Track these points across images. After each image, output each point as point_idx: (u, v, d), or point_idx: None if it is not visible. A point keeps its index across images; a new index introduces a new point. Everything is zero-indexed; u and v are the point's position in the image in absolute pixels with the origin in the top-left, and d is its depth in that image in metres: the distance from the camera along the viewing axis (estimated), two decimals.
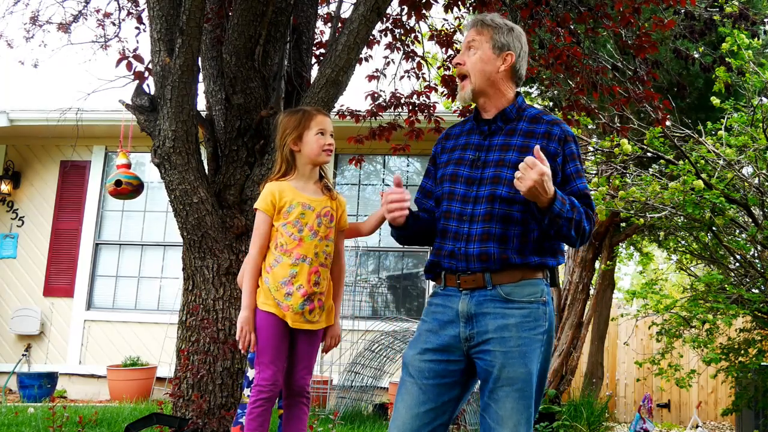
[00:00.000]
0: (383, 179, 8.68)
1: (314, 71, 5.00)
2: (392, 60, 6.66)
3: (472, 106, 2.44)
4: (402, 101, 6.34)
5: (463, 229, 2.19)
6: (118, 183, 5.80)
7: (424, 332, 2.23)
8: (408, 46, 6.56)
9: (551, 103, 8.60)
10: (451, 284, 2.22)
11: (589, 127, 7.36)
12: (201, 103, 4.61)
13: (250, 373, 3.34)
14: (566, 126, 2.27)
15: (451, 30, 6.49)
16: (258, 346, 2.89)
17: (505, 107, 2.29)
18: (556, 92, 7.96)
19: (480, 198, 2.19)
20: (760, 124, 6.01)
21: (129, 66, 4.57)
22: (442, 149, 2.39)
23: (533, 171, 1.98)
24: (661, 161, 7.02)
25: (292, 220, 2.87)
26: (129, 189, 5.81)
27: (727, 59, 6.06)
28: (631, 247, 11.16)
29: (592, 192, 6.77)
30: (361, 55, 5.70)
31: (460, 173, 2.26)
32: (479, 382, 2.22)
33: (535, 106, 9.17)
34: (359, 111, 6.40)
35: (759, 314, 6.17)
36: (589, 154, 7.54)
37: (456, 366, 2.19)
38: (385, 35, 6.46)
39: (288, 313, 2.84)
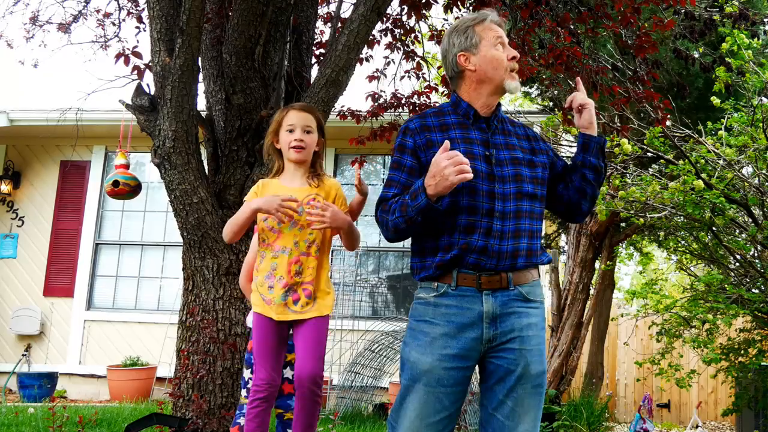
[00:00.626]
0: (383, 179, 8.67)
1: (314, 71, 5.00)
2: (392, 60, 6.66)
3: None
4: (403, 101, 6.34)
5: (496, 226, 2.16)
6: (115, 183, 5.80)
7: (439, 336, 2.13)
8: (408, 46, 6.56)
9: (551, 103, 8.60)
10: (468, 284, 2.15)
11: None
12: (201, 103, 4.61)
13: (246, 373, 3.34)
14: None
15: None
16: (254, 347, 2.90)
17: (496, 108, 2.33)
18: (556, 92, 7.96)
19: (507, 195, 2.20)
20: (760, 124, 6.00)
21: (127, 60, 4.56)
22: (428, 142, 2.22)
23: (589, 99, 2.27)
24: (661, 161, 7.02)
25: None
26: (126, 189, 5.81)
27: (727, 59, 6.06)
28: (631, 247, 11.15)
29: None
30: (361, 55, 5.70)
31: (478, 168, 2.18)
32: (487, 382, 2.20)
33: (535, 106, 9.19)
34: (360, 111, 6.40)
35: (759, 314, 6.17)
36: None
37: (470, 372, 2.18)
38: (385, 35, 6.46)
39: (272, 306, 2.83)
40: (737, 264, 6.90)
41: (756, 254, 6.85)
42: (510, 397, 2.14)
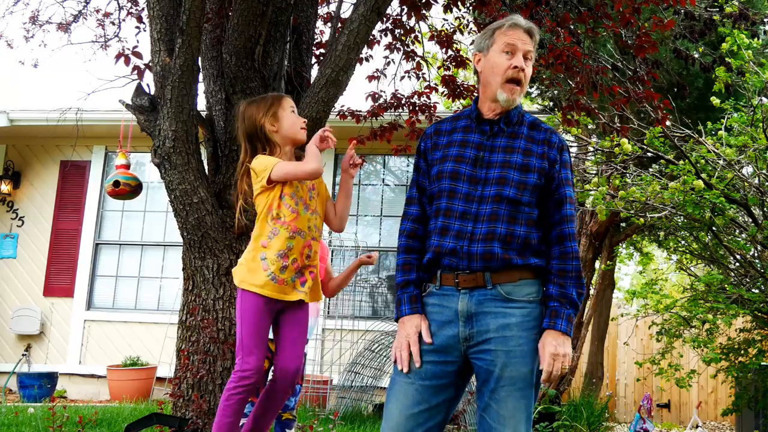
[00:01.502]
0: (383, 179, 8.68)
1: (314, 71, 5.00)
2: (392, 60, 6.65)
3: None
4: (402, 101, 6.34)
5: (467, 228, 2.18)
6: (116, 184, 5.80)
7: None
8: (408, 46, 6.56)
9: (551, 103, 8.60)
10: (448, 283, 2.21)
11: (589, 127, 7.36)
12: (201, 103, 4.61)
13: None
14: (561, 135, 2.36)
15: (451, 30, 6.49)
16: (243, 330, 2.83)
17: (510, 110, 2.31)
18: (556, 92, 7.97)
19: (486, 198, 2.20)
20: (760, 124, 6.01)
21: (127, 60, 4.56)
22: (434, 145, 2.34)
23: (558, 363, 2.12)
24: (661, 161, 7.02)
25: (289, 191, 2.88)
26: (127, 189, 5.80)
27: (727, 59, 6.07)
28: (631, 247, 11.16)
29: (591, 192, 6.81)
30: (361, 55, 5.69)
31: (462, 171, 2.24)
32: (477, 382, 2.22)
33: (535, 106, 9.19)
34: (360, 111, 6.40)
35: (759, 314, 6.18)
36: (589, 154, 7.54)
37: (452, 367, 2.19)
38: (385, 35, 6.46)
39: (282, 286, 2.84)
40: (737, 264, 6.91)
41: (756, 254, 6.86)
42: (493, 399, 2.14)
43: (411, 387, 2.17)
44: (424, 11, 5.85)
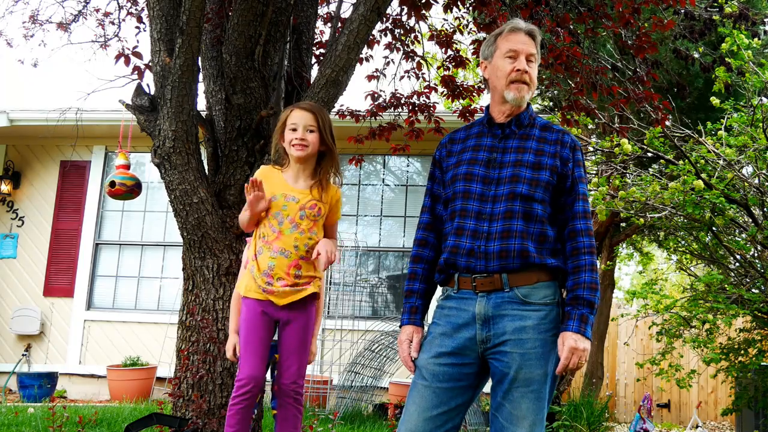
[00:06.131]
0: (383, 179, 8.68)
1: (314, 71, 5.00)
2: (392, 60, 6.65)
3: (472, 106, 2.48)
4: (402, 101, 6.34)
5: (483, 227, 2.22)
6: (112, 184, 5.81)
7: (438, 335, 2.25)
8: (408, 46, 6.56)
9: (551, 103, 8.60)
10: (466, 287, 2.23)
11: (589, 127, 7.36)
12: (201, 103, 4.61)
13: None
14: (573, 135, 2.39)
15: (451, 30, 6.49)
16: (242, 339, 2.88)
17: (520, 113, 2.35)
18: (556, 92, 7.97)
19: (499, 197, 2.23)
20: (760, 124, 6.01)
21: (127, 61, 4.56)
22: (448, 153, 2.42)
23: (576, 357, 2.13)
24: (661, 161, 7.03)
25: (273, 212, 2.88)
26: (123, 190, 5.79)
27: (727, 59, 6.06)
28: (631, 247, 11.16)
29: (591, 192, 6.81)
30: (361, 55, 5.69)
31: (476, 172, 2.29)
32: (491, 383, 2.24)
33: (535, 106, 9.20)
34: (359, 111, 6.40)
35: (759, 314, 6.17)
36: (589, 154, 7.54)
37: (470, 369, 2.22)
38: (385, 35, 6.45)
39: (273, 296, 2.87)
40: (737, 264, 6.91)
41: (756, 254, 6.86)
42: (507, 400, 2.16)
43: (428, 390, 2.20)
44: (424, 11, 5.84)
